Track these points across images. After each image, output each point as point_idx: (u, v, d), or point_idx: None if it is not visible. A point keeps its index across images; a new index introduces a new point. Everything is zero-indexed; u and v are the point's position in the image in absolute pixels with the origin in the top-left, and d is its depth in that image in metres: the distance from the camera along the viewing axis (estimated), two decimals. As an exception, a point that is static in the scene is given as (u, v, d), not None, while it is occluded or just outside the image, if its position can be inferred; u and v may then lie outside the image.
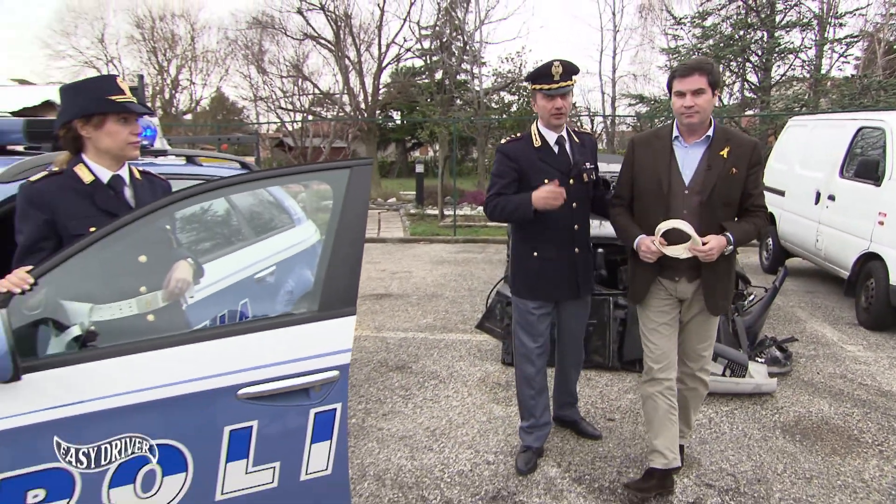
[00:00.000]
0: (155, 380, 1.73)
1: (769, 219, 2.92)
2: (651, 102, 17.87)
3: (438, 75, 25.45)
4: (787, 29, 16.46)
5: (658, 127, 3.03)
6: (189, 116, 28.84)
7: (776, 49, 16.30)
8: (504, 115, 19.52)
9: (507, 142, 3.17)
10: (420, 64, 26.74)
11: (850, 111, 11.21)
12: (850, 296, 6.24)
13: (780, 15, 16.59)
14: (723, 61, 16.88)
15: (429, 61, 25.92)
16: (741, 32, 16.47)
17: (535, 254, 3.12)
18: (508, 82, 21.83)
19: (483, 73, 22.22)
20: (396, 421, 3.91)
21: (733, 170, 2.72)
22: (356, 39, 24.49)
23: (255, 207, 4.18)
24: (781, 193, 7.83)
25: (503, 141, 3.19)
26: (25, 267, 1.70)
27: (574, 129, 3.23)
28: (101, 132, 2.01)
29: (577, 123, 22.15)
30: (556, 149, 3.08)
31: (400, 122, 29.19)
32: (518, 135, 3.16)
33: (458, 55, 23.36)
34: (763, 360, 4.56)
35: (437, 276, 8.37)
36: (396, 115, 29.28)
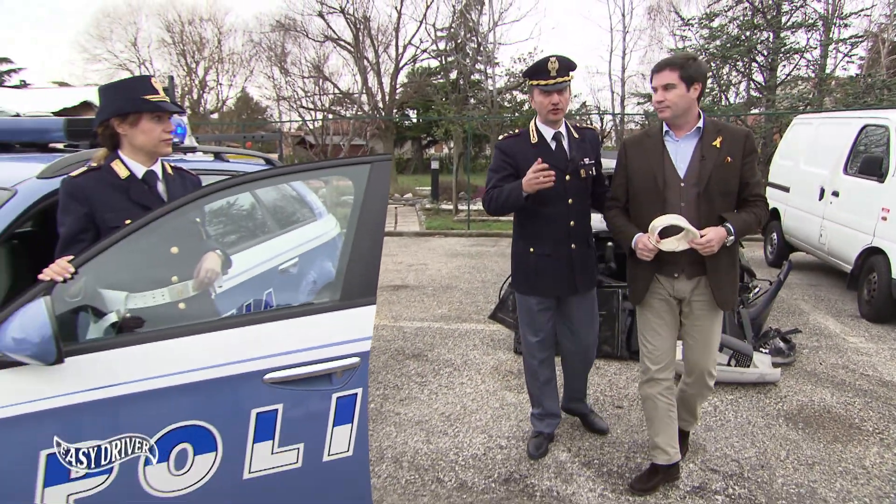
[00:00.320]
0: (186, 364, 1.75)
1: (769, 210, 2.78)
2: (658, 101, 17.64)
3: (453, 75, 25.37)
4: (793, 29, 16.21)
5: (648, 127, 2.98)
6: (216, 116, 28.99)
7: (782, 49, 16.07)
8: (516, 114, 19.41)
9: (505, 138, 3.09)
10: (435, 64, 26.69)
11: (854, 109, 11.04)
12: (853, 289, 6.17)
13: (785, 16, 16.34)
14: (729, 61, 16.69)
15: (444, 62, 25.85)
16: (747, 33, 16.25)
17: (532, 250, 3.04)
18: (521, 82, 21.72)
19: (496, 73, 22.13)
20: (413, 406, 3.93)
21: (728, 158, 2.62)
22: (374, 41, 24.51)
23: (279, 202, 4.20)
24: (786, 190, 7.75)
25: (501, 137, 3.09)
26: (67, 257, 1.72)
27: (575, 124, 3.12)
28: (137, 130, 2.03)
29: (587, 121, 22.05)
30: (552, 145, 2.98)
31: (416, 121, 29.13)
32: (517, 131, 3.07)
33: (473, 56, 23.25)
34: (767, 351, 4.53)
35: (452, 269, 8.38)
36: (413, 114, 29.22)
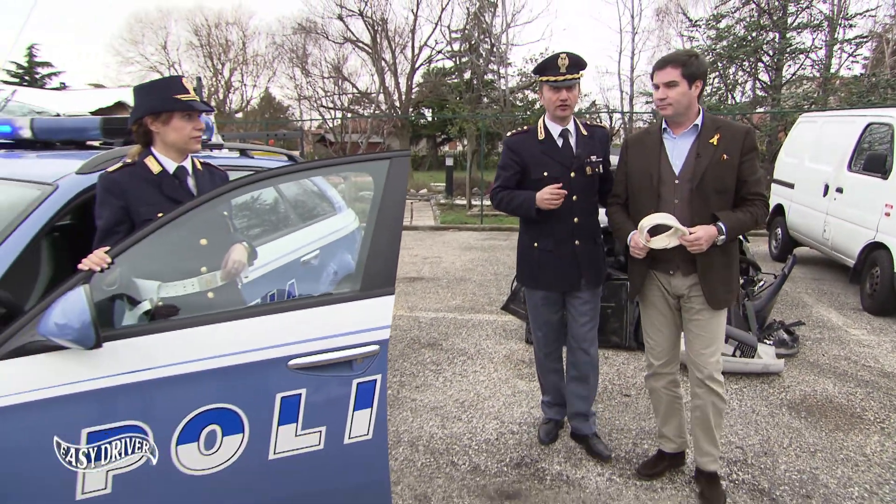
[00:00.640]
0: (215, 350, 1.76)
1: (769, 206, 2.63)
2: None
3: (467, 75, 25.32)
4: (799, 30, 15.97)
5: (651, 124, 2.87)
6: (240, 115, 29.17)
7: (787, 49, 15.84)
8: (528, 112, 19.32)
9: (513, 134, 3.00)
10: (450, 65, 26.63)
11: (858, 108, 10.86)
12: (856, 283, 6.09)
13: (791, 17, 16.11)
14: (736, 61, 16.48)
15: (458, 62, 25.80)
16: (754, 34, 16.03)
17: (536, 245, 2.96)
18: (532, 81, 21.62)
19: (509, 73, 22.07)
20: (428, 393, 3.94)
21: (724, 156, 2.51)
22: (391, 43, 24.51)
23: (301, 196, 4.22)
24: (791, 186, 7.66)
25: (509, 134, 3.03)
26: (104, 248, 1.75)
27: (585, 122, 3.03)
28: (168, 127, 2.05)
29: (596, 119, 21.88)
30: (559, 141, 2.89)
31: (431, 119, 29.08)
32: (525, 127, 3.00)
33: (486, 56, 23.16)
34: (771, 342, 4.49)
35: (466, 262, 8.37)
36: (428, 113, 29.18)
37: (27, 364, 1.64)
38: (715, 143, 2.53)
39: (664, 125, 2.64)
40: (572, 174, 2.87)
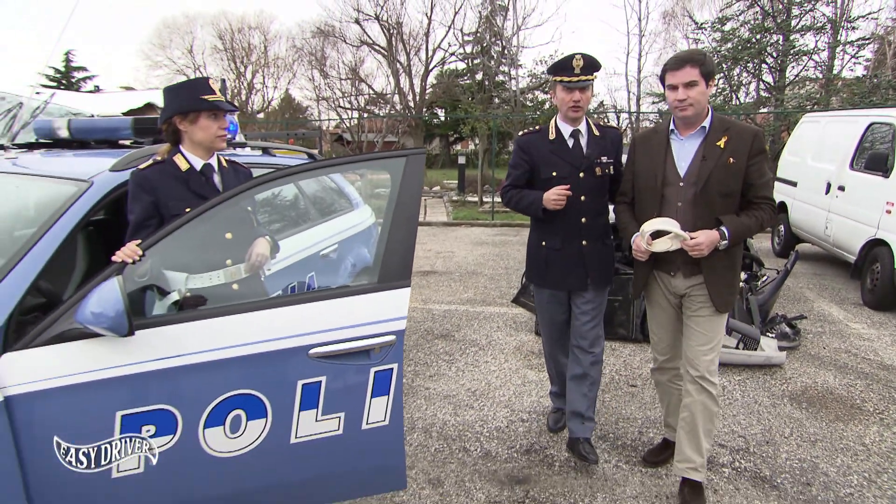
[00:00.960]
0: (240, 339, 1.78)
1: (776, 209, 2.46)
2: (672, 100, 17.33)
3: (479, 76, 25.27)
4: (802, 32, 15.76)
5: (659, 123, 2.72)
6: (262, 115, 29.31)
7: (791, 51, 15.64)
8: (538, 113, 19.22)
9: (524, 134, 2.90)
10: (462, 66, 26.60)
11: (860, 108, 10.69)
12: (856, 278, 6.01)
13: (795, 19, 15.88)
14: (740, 63, 16.29)
15: (470, 64, 25.73)
16: (758, 36, 15.84)
17: (544, 243, 2.87)
18: (542, 82, 21.52)
19: (519, 75, 21.96)
20: (441, 382, 3.95)
21: (730, 159, 2.36)
22: (406, 45, 24.49)
23: (320, 193, 4.24)
24: (794, 184, 7.57)
25: (520, 133, 2.94)
26: (135, 241, 1.77)
27: (598, 122, 2.90)
28: (196, 127, 2.07)
29: (604, 119, 21.72)
30: (570, 142, 2.78)
31: (444, 119, 29.03)
32: (537, 127, 2.89)
33: (497, 58, 23.08)
34: (774, 335, 4.46)
35: (477, 256, 8.36)
36: (441, 113, 29.13)
37: (66, 350, 1.67)
38: (722, 146, 2.39)
39: (672, 126, 2.51)
40: (581, 175, 2.77)
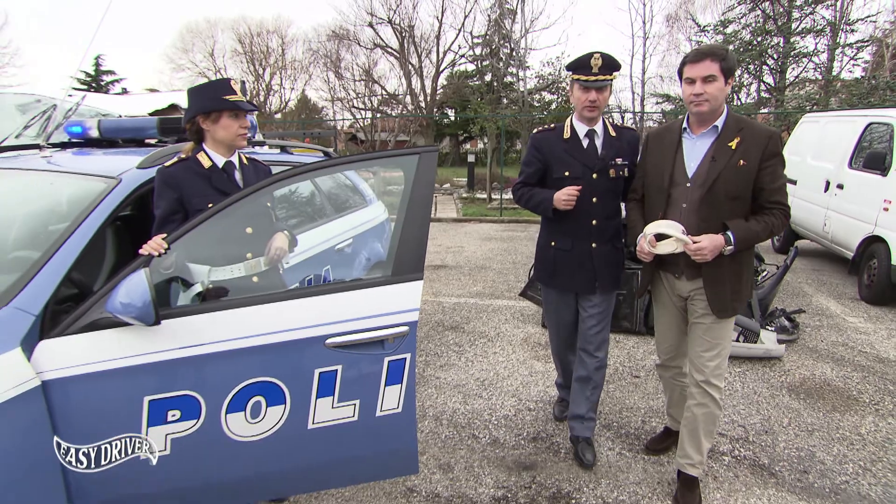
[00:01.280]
0: (260, 329, 1.79)
1: (789, 215, 2.27)
2: (676, 101, 17.26)
3: (488, 78, 25.14)
4: (802, 35, 15.58)
5: (674, 121, 2.48)
6: (279, 115, 29.41)
7: (791, 53, 15.47)
8: (545, 113, 19.13)
9: (539, 131, 2.75)
10: (472, 68, 26.49)
11: (859, 108, 10.55)
12: (854, 274, 5.96)
13: (795, 22, 15.69)
14: (742, 64, 16.11)
15: (480, 66, 25.62)
16: (759, 38, 15.68)
17: (553, 244, 2.74)
18: (549, 83, 21.40)
19: (527, 76, 21.87)
20: (451, 372, 3.96)
21: (741, 161, 2.18)
22: (417, 48, 24.44)
23: (335, 190, 4.24)
24: (794, 182, 7.50)
25: (535, 131, 2.76)
26: (161, 235, 1.79)
27: (615, 123, 2.74)
28: (218, 126, 2.07)
29: (609, 119, 21.58)
30: (584, 142, 2.62)
31: (454, 119, 28.97)
32: (552, 125, 2.73)
33: (506, 60, 22.98)
34: (773, 329, 4.42)
35: (486, 251, 8.35)
36: (451, 113, 29.07)
37: (97, 338, 1.69)
38: (733, 147, 2.21)
39: (685, 124, 2.36)
40: (594, 175, 2.61)
